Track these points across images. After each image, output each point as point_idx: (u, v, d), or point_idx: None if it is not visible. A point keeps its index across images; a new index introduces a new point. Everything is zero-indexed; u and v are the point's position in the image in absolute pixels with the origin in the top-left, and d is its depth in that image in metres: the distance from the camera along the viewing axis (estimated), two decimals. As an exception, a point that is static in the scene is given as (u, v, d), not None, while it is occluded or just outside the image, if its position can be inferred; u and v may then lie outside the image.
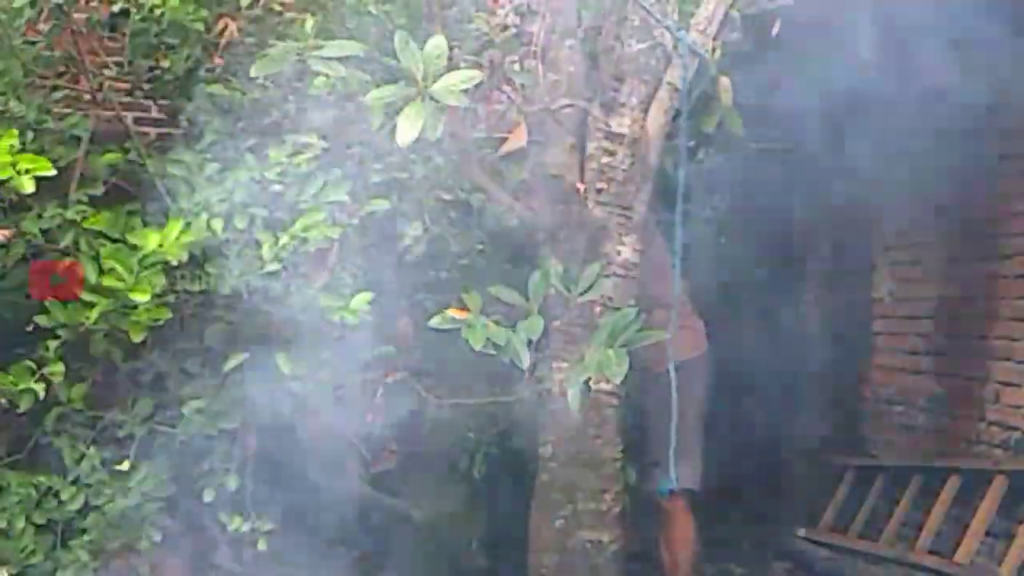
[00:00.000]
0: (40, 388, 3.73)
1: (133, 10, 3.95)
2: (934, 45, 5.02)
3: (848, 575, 5.07)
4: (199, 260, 3.77)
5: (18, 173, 3.36)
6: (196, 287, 3.75)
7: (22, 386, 3.74)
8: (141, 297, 3.51)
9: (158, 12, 3.85)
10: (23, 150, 3.49)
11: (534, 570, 4.17)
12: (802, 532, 5.55)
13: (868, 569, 4.98)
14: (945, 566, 4.63)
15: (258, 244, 3.74)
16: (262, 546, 4.18)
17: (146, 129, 4.51)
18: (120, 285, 3.52)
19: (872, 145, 5.60)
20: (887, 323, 5.64)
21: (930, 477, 5.08)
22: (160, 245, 3.54)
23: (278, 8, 4.14)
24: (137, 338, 3.64)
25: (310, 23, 3.68)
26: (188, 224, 3.64)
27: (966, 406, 4.96)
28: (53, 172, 3.44)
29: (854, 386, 5.85)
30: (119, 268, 3.54)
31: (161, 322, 3.64)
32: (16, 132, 3.46)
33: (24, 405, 3.79)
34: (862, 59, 5.33)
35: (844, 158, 5.79)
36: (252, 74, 3.51)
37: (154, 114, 5.22)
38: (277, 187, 3.81)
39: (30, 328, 4.06)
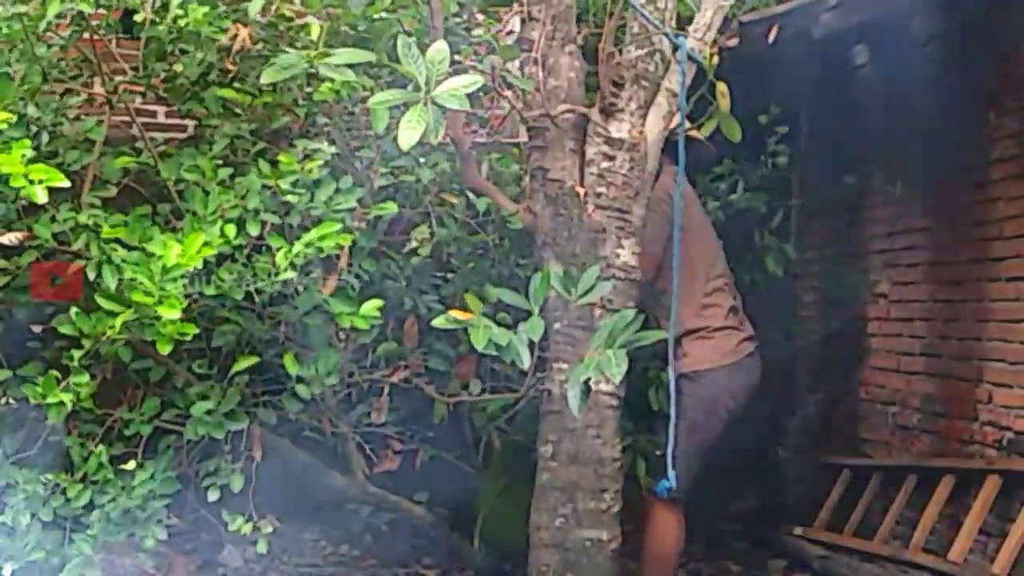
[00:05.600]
0: (68, 399, 3.71)
1: (155, 18, 3.98)
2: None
3: (843, 573, 5.11)
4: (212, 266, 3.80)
5: (31, 183, 3.35)
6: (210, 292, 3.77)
7: (51, 399, 3.71)
8: (170, 313, 3.48)
9: (182, 23, 3.87)
10: (38, 153, 3.51)
11: (535, 568, 4.23)
12: (799, 530, 5.60)
13: (863, 567, 5.01)
14: (939, 564, 4.68)
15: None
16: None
17: (153, 134, 4.56)
18: (148, 300, 3.49)
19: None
20: (882, 324, 5.69)
21: (924, 476, 5.14)
22: (181, 255, 3.54)
23: (289, 14, 4.20)
24: (164, 351, 3.63)
25: (315, 31, 3.74)
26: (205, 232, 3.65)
27: (960, 407, 5.01)
28: (67, 184, 3.42)
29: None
30: (145, 281, 3.51)
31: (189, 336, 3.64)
32: (28, 142, 3.45)
33: (53, 417, 3.76)
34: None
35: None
36: (262, 81, 3.57)
37: (161, 119, 5.31)
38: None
39: (41, 329, 4.13)
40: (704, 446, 4.49)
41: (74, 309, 3.69)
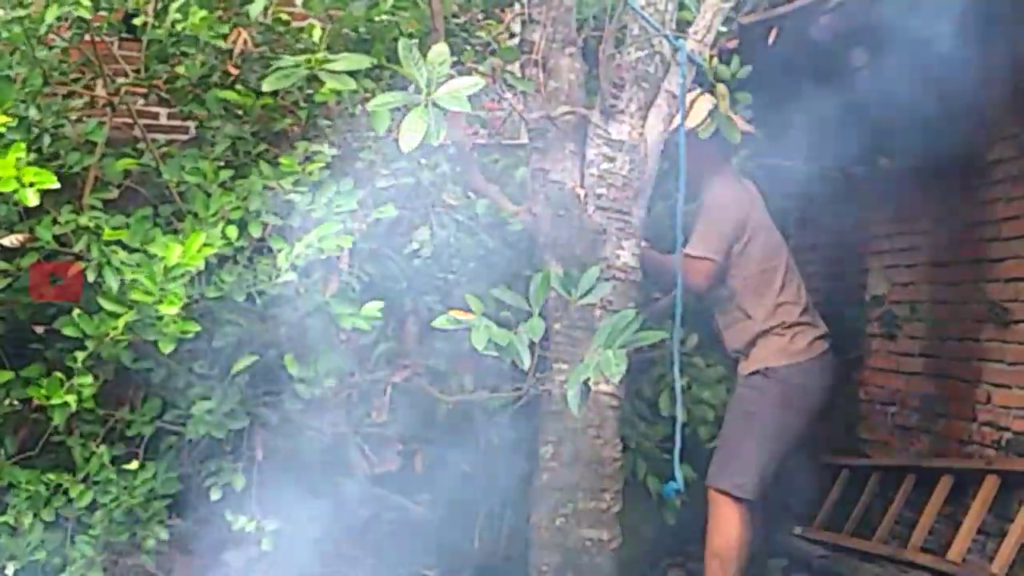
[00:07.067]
0: (72, 400, 3.75)
1: (154, 22, 4.00)
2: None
3: (843, 572, 5.12)
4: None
5: (22, 186, 3.37)
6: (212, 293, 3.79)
7: (56, 400, 3.75)
8: (169, 309, 3.53)
9: (180, 27, 3.89)
10: (40, 156, 3.52)
11: (535, 568, 4.24)
12: (798, 530, 5.61)
13: (862, 566, 5.02)
14: (938, 564, 4.69)
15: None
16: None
17: (155, 136, 4.57)
18: (147, 299, 3.54)
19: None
20: (882, 325, 5.70)
21: (923, 476, 5.15)
22: (183, 255, 3.57)
23: (286, 18, 4.21)
24: (166, 350, 3.66)
25: (317, 33, 3.75)
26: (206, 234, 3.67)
27: (959, 407, 5.03)
28: (57, 185, 3.43)
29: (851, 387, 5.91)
30: (145, 281, 3.55)
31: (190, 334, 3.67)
32: (23, 145, 3.46)
33: (58, 419, 3.80)
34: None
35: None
36: (263, 89, 3.58)
37: (162, 121, 5.32)
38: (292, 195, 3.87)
39: (43, 330, 4.15)
40: (778, 447, 4.57)
41: (77, 311, 3.71)
